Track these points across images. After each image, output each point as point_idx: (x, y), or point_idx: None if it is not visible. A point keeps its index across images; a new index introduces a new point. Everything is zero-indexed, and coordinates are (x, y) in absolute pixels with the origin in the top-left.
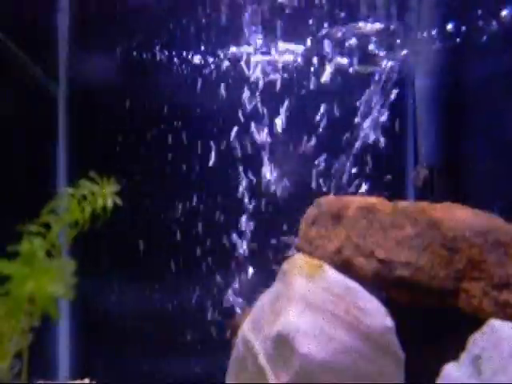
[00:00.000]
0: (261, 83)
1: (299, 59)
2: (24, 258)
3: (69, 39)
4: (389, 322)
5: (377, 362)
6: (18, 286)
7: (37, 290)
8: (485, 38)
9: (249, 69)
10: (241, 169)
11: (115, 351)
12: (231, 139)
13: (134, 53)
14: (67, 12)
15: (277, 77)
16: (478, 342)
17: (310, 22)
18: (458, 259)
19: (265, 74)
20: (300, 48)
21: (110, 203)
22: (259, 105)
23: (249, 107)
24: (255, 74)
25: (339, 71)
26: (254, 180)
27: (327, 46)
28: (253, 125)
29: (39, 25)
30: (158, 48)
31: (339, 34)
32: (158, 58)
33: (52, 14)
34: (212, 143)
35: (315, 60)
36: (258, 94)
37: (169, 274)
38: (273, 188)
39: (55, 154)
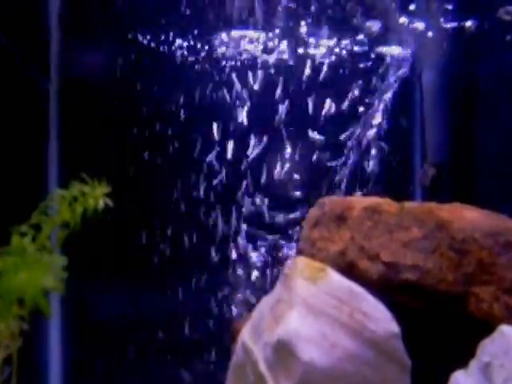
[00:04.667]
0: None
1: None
2: (14, 252)
3: (61, 33)
4: (394, 327)
5: (382, 369)
6: (9, 278)
7: (28, 282)
8: (497, 30)
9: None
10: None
11: (108, 356)
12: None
13: (128, 47)
14: (59, 6)
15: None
16: (488, 348)
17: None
18: (467, 262)
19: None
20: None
21: (101, 204)
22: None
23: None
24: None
25: (343, 66)
26: None
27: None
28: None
29: (30, 19)
30: (153, 42)
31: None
32: (153, 52)
33: (43, 8)
34: (214, 138)
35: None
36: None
37: (164, 277)
38: None
39: (46, 151)
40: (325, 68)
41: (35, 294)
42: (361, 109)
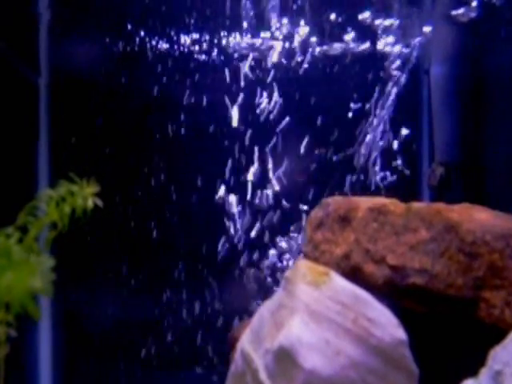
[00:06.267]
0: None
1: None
2: (0, 253)
3: (50, 26)
4: (401, 334)
5: (388, 377)
6: None
7: (15, 284)
8: (508, 21)
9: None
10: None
11: (100, 364)
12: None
13: (119, 41)
14: None
15: None
16: (499, 356)
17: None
18: (478, 266)
19: None
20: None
21: (90, 204)
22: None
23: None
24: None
25: (348, 57)
26: None
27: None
28: None
29: (19, 12)
30: (144, 36)
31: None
32: (143, 46)
33: (32, 1)
34: (210, 135)
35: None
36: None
37: (154, 283)
38: None
39: (36, 148)
40: (330, 63)
41: (23, 296)
42: (365, 106)
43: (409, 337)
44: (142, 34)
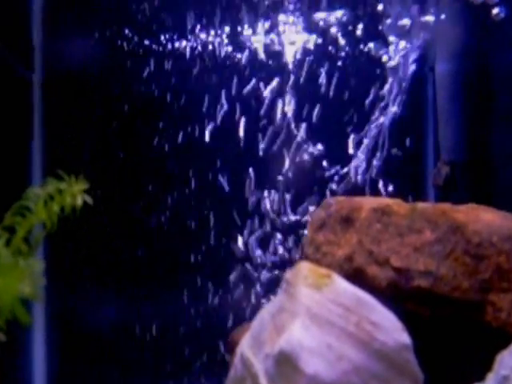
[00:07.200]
0: None
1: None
2: None
3: (44, 23)
4: (405, 338)
5: (392, 383)
6: None
7: (3, 289)
8: None
9: None
10: None
11: (93, 367)
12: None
13: (114, 38)
14: None
15: None
16: (506, 360)
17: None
18: (484, 268)
19: None
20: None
21: (79, 202)
22: None
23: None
24: None
25: (352, 56)
26: None
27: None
28: None
29: (12, 8)
30: (139, 34)
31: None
32: (139, 44)
33: None
34: (204, 133)
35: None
36: None
37: (150, 285)
38: None
39: (30, 146)
40: (331, 61)
41: (12, 301)
42: (369, 103)
43: (413, 341)
44: (137, 31)
